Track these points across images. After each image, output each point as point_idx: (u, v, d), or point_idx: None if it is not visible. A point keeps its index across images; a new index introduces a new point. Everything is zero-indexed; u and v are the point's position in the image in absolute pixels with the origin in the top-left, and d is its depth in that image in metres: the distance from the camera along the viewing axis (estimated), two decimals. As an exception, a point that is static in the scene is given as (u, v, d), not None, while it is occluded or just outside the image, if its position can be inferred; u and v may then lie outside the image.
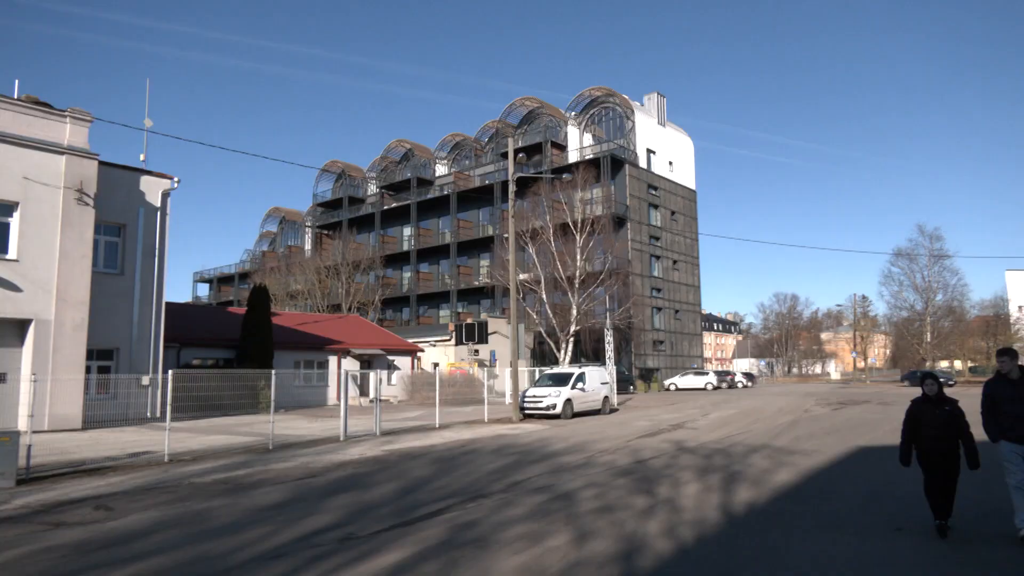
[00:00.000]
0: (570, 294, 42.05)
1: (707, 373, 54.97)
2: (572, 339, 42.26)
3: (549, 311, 42.50)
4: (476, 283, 57.78)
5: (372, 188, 74.37)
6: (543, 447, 15.48)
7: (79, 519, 8.34)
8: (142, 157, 25.05)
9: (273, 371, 17.38)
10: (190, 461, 13.34)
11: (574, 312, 41.80)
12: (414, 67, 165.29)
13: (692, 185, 64.22)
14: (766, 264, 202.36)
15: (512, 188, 25.12)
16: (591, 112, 61.15)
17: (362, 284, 58.61)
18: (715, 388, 51.90)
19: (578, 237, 42.94)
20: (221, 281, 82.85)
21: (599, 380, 27.01)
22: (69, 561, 6.48)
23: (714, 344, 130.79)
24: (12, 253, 19.13)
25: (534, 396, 24.33)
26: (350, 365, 35.05)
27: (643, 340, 54.00)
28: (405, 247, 65.60)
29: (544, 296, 42.61)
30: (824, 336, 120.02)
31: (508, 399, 28.09)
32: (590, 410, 25.68)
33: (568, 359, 41.89)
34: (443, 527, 7.64)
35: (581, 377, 25.51)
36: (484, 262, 58.05)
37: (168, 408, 14.15)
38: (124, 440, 16.76)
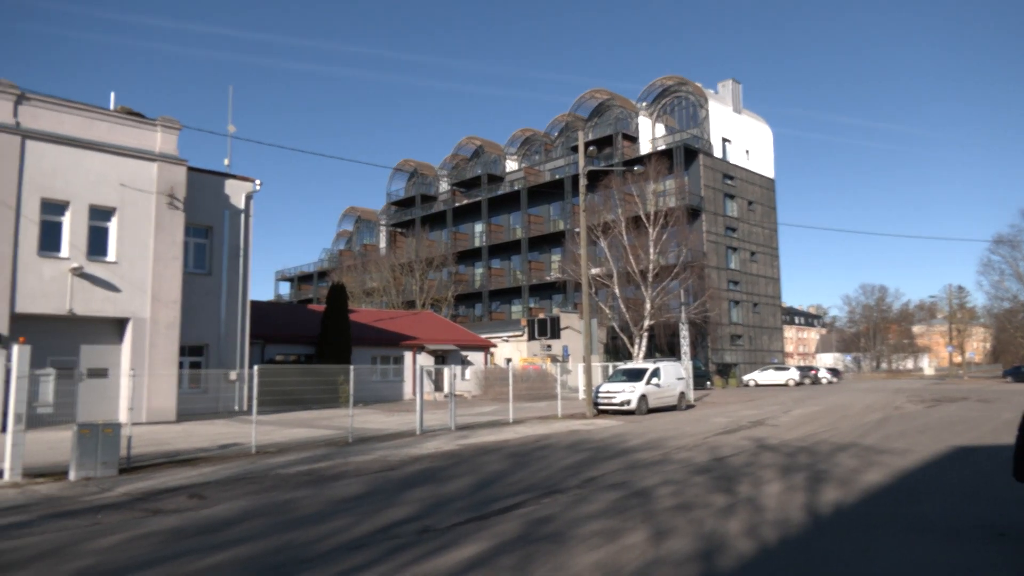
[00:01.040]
0: (643, 288, 41.43)
1: (788, 368, 53.08)
2: (646, 334, 41.65)
3: (622, 305, 42.01)
4: (547, 278, 57.72)
5: (444, 185, 75.37)
6: (618, 443, 15.32)
7: (175, 507, 8.79)
8: (226, 162, 26.23)
9: (351, 367, 17.87)
10: (275, 453, 13.87)
11: (648, 306, 41.17)
12: (483, 64, 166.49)
13: (770, 174, 62.11)
14: (851, 254, 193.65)
15: (583, 182, 24.93)
16: (663, 102, 59.99)
17: (435, 281, 59.52)
18: (797, 384, 50.07)
19: (651, 230, 42.22)
20: (301, 279, 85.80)
21: (675, 375, 26.52)
22: (167, 546, 6.84)
23: (796, 339, 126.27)
24: (111, 256, 20.36)
25: (608, 392, 24.12)
26: (425, 361, 35.68)
27: (720, 334, 52.68)
28: (477, 243, 66.18)
29: (617, 290, 42.14)
30: (916, 329, 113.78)
31: (581, 395, 27.95)
32: (665, 406, 25.25)
33: (642, 354, 41.32)
34: (518, 522, 7.65)
35: (656, 372, 25.10)
36: (555, 257, 57.93)
37: (255, 402, 14.79)
38: (214, 432, 17.60)
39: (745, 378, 51.76)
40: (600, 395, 24.12)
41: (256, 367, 15.24)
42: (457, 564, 6.06)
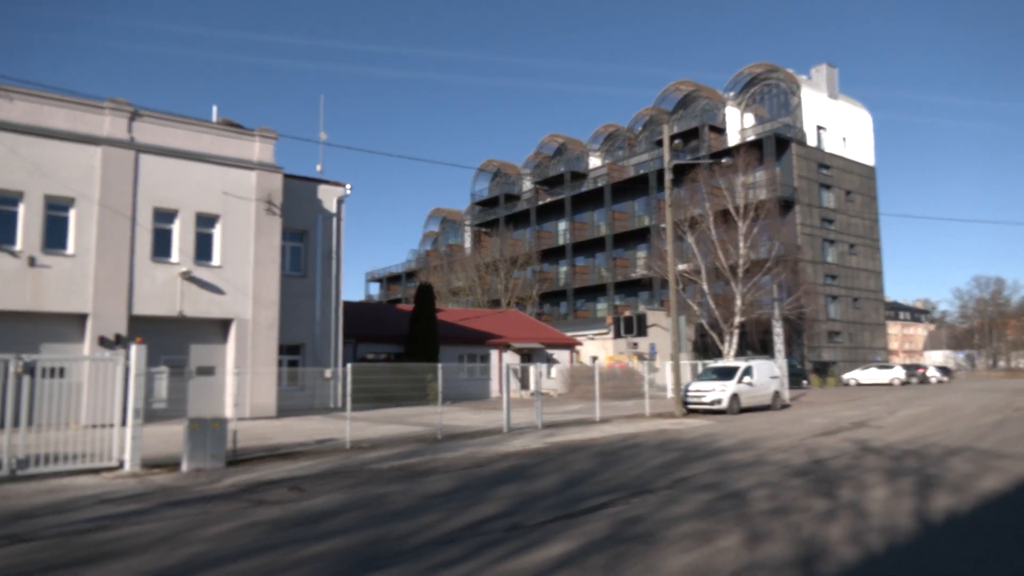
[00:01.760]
0: (733, 284, 40.15)
1: (893, 367, 50.16)
2: (737, 331, 40.34)
3: (711, 302, 40.86)
4: (633, 275, 56.92)
5: (527, 184, 75.67)
6: (709, 443, 14.91)
7: (277, 498, 9.22)
8: (319, 168, 27.36)
9: (439, 365, 18.22)
10: (368, 448, 14.32)
11: (738, 303, 39.87)
12: (565, 61, 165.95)
13: (870, 161, 58.87)
14: (963, 245, 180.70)
15: (668, 176, 24.41)
16: (752, 91, 57.95)
17: (520, 279, 59.84)
18: (903, 383, 47.24)
19: (740, 224, 40.86)
20: (390, 280, 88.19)
21: (768, 374, 25.58)
22: (270, 536, 7.18)
23: (901, 335, 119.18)
24: (216, 260, 21.59)
25: (697, 390, 23.54)
26: (510, 359, 35.94)
27: (816, 331, 50.39)
28: (560, 241, 66.05)
29: (705, 287, 41.04)
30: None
31: (669, 393, 27.41)
32: (758, 405, 24.40)
33: (733, 352, 40.06)
34: (607, 521, 7.57)
35: (748, 371, 24.29)
36: (641, 254, 57.03)
37: (348, 399, 15.33)
38: (311, 428, 18.36)
39: (845, 377, 49.29)
40: (689, 394, 23.58)
41: (349, 365, 15.80)
42: (546, 562, 6.05)
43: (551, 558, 6.16)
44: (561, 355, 39.84)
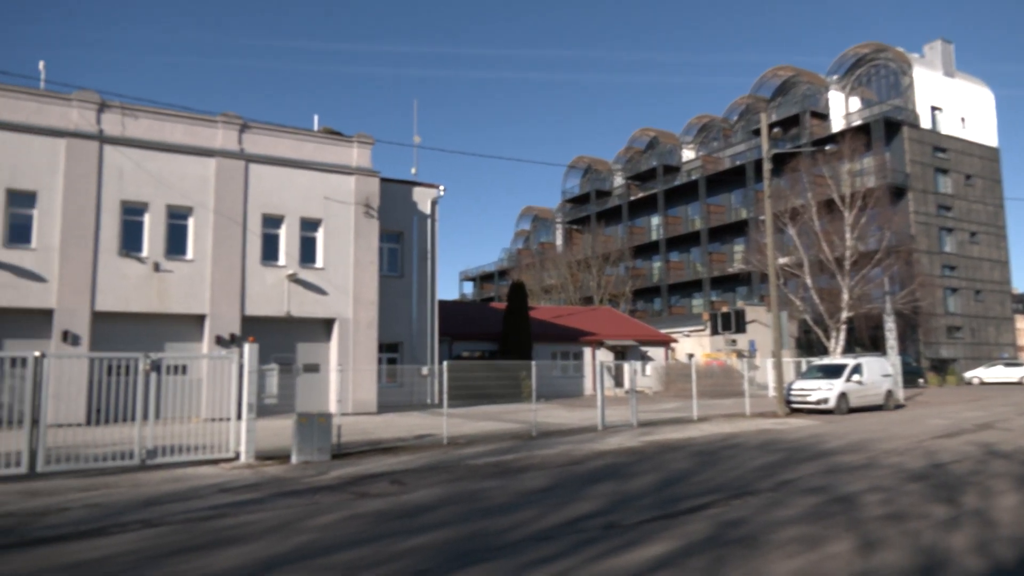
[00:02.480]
0: (839, 277, 38.11)
1: (1022, 364, 46.17)
2: (844, 327, 38.26)
3: (815, 296, 38.95)
4: (729, 270, 55.12)
5: (618, 180, 74.78)
6: (815, 444, 14.25)
7: (379, 491, 9.56)
8: (413, 170, 28.10)
9: (533, 363, 18.32)
10: (465, 445, 14.59)
11: (845, 297, 37.81)
12: (655, 53, 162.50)
13: (993, 142, 54.40)
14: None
15: (767, 166, 23.49)
16: (857, 73, 54.79)
17: (612, 276, 59.26)
18: (1033, 382, 43.36)
19: (847, 213, 38.72)
20: (483, 279, 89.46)
21: (880, 372, 24.15)
22: (373, 527, 7.46)
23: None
24: (319, 263, 22.61)
25: (802, 389, 22.54)
26: (604, 356, 35.66)
27: (933, 326, 47.07)
28: (653, 237, 64.87)
29: (808, 280, 39.16)
30: None
31: (771, 392, 26.37)
32: (869, 405, 23.07)
33: (840, 348, 38.04)
34: (707, 523, 7.37)
35: (857, 368, 23.03)
36: (738, 247, 55.16)
37: (445, 396, 15.69)
38: (410, 423, 18.90)
39: (967, 375, 45.77)
40: (793, 393, 22.61)
41: (445, 363, 16.18)
42: (644, 562, 5.97)
43: (649, 558, 6.07)
44: (655, 352, 39.15)
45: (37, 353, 10.97)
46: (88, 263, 19.20)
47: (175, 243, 20.64)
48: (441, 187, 27.06)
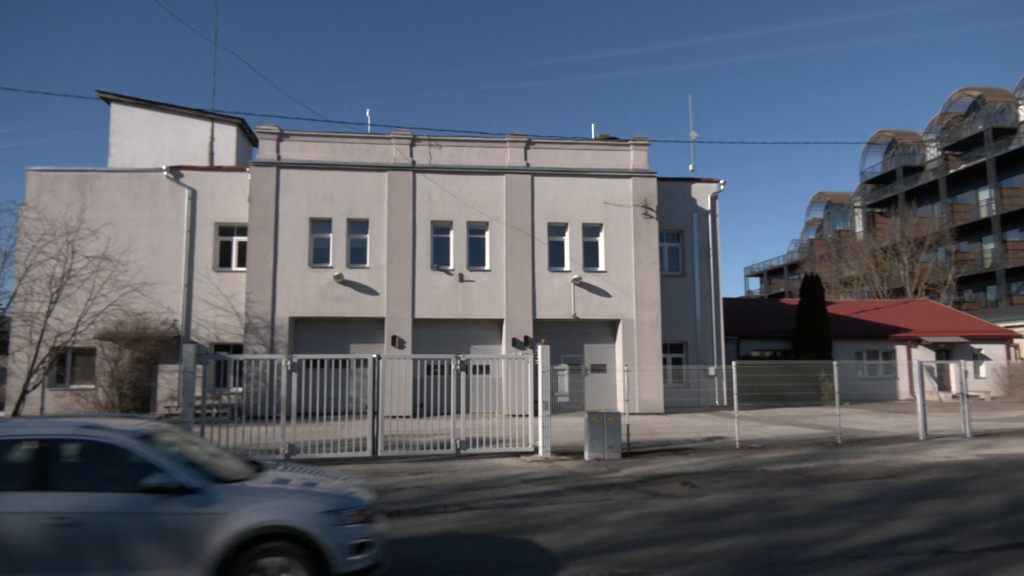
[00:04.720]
0: None
1: None
2: None
3: None
4: (1097, 247, 44.28)
5: (931, 152, 64.69)
6: None
7: (670, 492, 9.53)
8: (691, 167, 27.51)
9: (834, 362, 16.71)
10: (759, 449, 13.84)
11: None
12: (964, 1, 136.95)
13: None
14: None
15: None
16: None
17: (929, 263, 51.50)
18: None
19: None
20: (770, 274, 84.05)
21: None
22: (666, 528, 7.46)
23: None
24: (601, 266, 23.30)
25: None
26: (922, 355, 31.11)
27: None
28: (983, 214, 54.78)
29: None
30: None
31: None
32: None
33: None
34: (1078, 559, 6.04)
35: None
36: (1108, 218, 44.06)
37: (735, 397, 15.08)
38: (698, 425, 18.49)
39: None
40: None
41: (734, 363, 15.53)
42: (990, 598, 5.10)
43: (997, 594, 5.17)
44: (992, 350, 33.01)
45: (375, 355, 13.02)
46: (408, 277, 22.28)
47: (475, 255, 22.92)
48: (721, 181, 26.08)
